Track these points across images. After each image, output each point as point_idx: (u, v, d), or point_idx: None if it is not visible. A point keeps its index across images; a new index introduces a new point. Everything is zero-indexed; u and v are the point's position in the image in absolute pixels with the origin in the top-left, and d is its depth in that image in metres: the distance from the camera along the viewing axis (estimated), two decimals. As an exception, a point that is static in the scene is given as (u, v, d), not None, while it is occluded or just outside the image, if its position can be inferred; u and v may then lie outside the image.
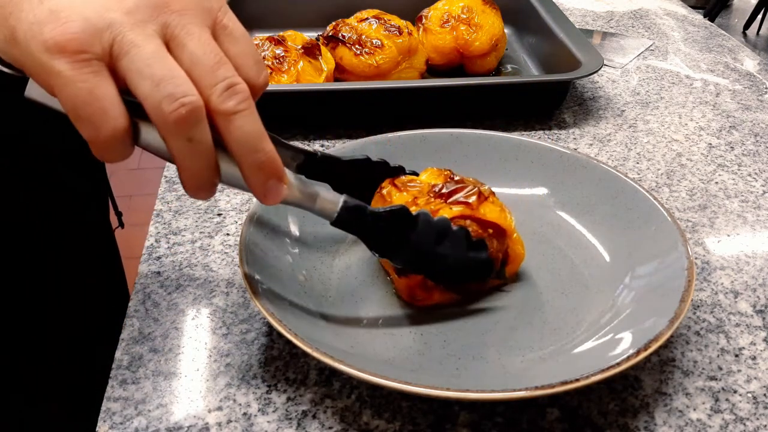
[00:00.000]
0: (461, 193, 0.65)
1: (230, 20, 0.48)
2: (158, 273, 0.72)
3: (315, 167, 0.63)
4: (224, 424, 0.57)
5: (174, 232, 0.78)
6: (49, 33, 0.41)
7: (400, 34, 1.04)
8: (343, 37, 1.05)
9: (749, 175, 0.90)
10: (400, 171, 0.69)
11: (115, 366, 0.62)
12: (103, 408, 0.58)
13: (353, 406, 0.58)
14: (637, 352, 0.53)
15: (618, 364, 0.52)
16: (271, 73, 0.96)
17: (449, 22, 1.09)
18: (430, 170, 0.70)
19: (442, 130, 0.81)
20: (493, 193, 0.67)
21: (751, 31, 3.95)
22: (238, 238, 0.69)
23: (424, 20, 1.11)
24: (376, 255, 0.61)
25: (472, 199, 0.64)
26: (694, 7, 1.52)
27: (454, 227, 0.62)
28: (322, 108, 0.97)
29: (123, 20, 0.43)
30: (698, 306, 0.68)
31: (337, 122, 0.97)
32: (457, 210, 0.64)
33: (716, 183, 0.87)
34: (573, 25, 1.10)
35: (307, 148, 0.62)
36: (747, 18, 3.92)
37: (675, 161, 0.92)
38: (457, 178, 0.68)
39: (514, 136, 0.81)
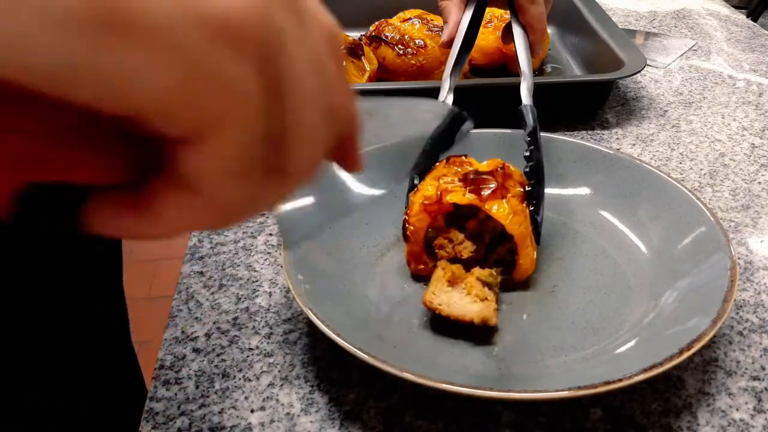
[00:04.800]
0: (484, 184, 0.66)
1: None
2: (201, 273, 0.73)
3: None
4: (267, 424, 0.57)
5: (216, 232, 0.79)
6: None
7: (443, 34, 1.04)
8: (386, 37, 1.06)
9: (794, 175, 0.89)
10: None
11: (157, 366, 0.63)
12: (146, 408, 0.59)
13: (396, 406, 0.58)
14: (680, 352, 0.53)
15: (661, 363, 0.52)
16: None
17: (492, 22, 1.09)
18: (491, 160, 0.72)
19: (484, 130, 0.82)
20: (526, 200, 0.68)
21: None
22: (281, 239, 0.70)
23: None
24: None
25: (486, 192, 0.65)
26: (736, 7, 1.51)
27: None
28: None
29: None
30: (741, 306, 0.68)
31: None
32: (468, 197, 0.65)
33: (759, 183, 0.87)
34: (615, 24, 1.10)
35: None
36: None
37: (718, 161, 0.91)
38: (506, 171, 0.69)
39: (557, 136, 0.81)
